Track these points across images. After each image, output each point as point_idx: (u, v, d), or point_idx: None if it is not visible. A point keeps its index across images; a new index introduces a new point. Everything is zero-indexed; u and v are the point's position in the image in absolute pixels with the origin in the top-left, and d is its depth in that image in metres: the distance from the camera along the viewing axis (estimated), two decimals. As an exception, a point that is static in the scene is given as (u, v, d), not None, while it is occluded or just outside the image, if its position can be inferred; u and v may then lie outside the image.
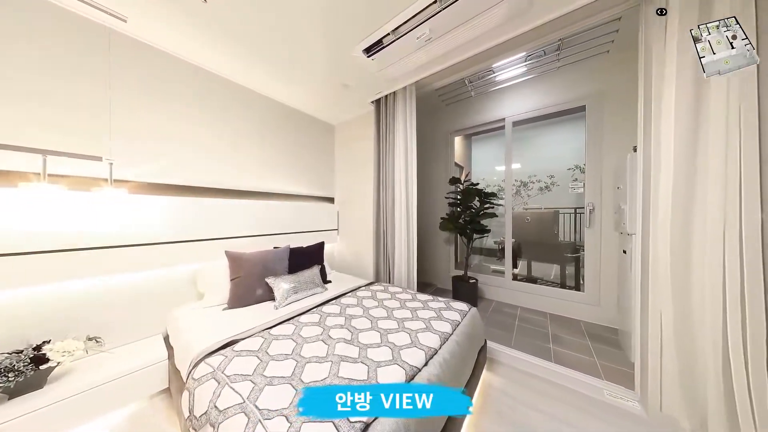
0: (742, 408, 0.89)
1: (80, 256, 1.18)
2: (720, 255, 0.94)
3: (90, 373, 1.07)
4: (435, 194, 3.19)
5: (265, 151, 2.13)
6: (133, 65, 1.42)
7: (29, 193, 1.05)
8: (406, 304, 1.46)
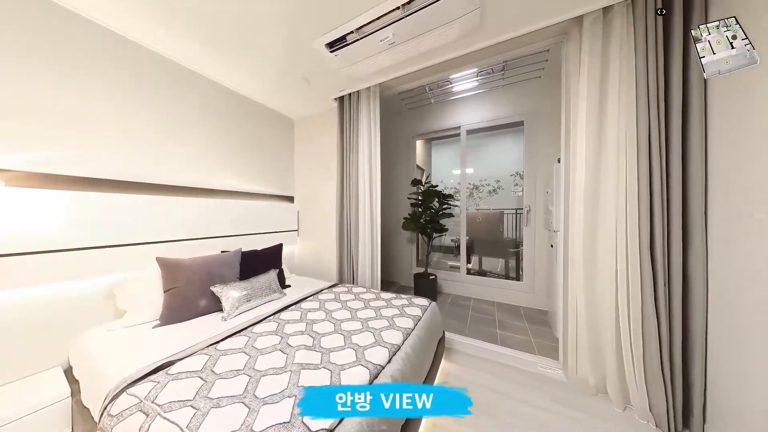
0: (627, 366, 1.17)
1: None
2: (613, 250, 1.21)
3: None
4: (398, 195, 3.29)
5: (211, 143, 1.88)
6: (11, 19, 1.08)
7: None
8: (370, 304, 1.47)
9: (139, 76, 1.49)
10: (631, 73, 1.17)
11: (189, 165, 1.74)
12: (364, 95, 2.04)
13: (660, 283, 1.12)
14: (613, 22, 1.22)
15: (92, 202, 1.24)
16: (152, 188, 1.53)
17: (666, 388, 1.09)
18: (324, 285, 1.91)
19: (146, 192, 1.49)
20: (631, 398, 1.17)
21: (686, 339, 1.10)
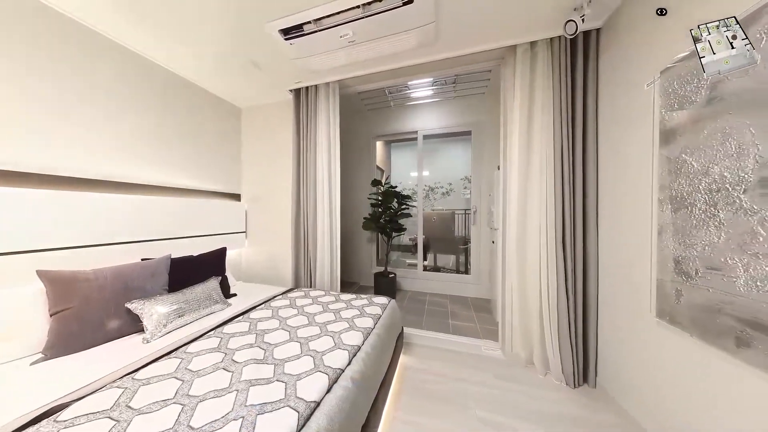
0: (547, 339, 1.42)
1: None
2: (537, 244, 1.45)
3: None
4: (358, 194, 3.27)
5: (131, 128, 1.53)
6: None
7: None
8: (329, 307, 1.42)
9: (33, 34, 1.12)
10: (549, 98, 1.43)
11: (104, 153, 1.38)
12: (323, 90, 1.96)
13: (569, 268, 1.39)
14: (538, 54, 1.47)
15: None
16: (36, 180, 1.16)
17: (572, 352, 1.37)
18: (277, 291, 1.77)
19: (26, 184, 1.12)
20: (550, 365, 1.42)
21: (585, 310, 1.40)
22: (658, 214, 0.98)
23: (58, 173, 1.23)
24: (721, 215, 0.76)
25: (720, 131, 0.76)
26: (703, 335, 0.81)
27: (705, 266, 0.80)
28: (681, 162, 0.89)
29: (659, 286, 0.97)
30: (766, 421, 0.68)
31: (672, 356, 0.95)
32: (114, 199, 1.39)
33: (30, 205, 1.09)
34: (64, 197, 1.20)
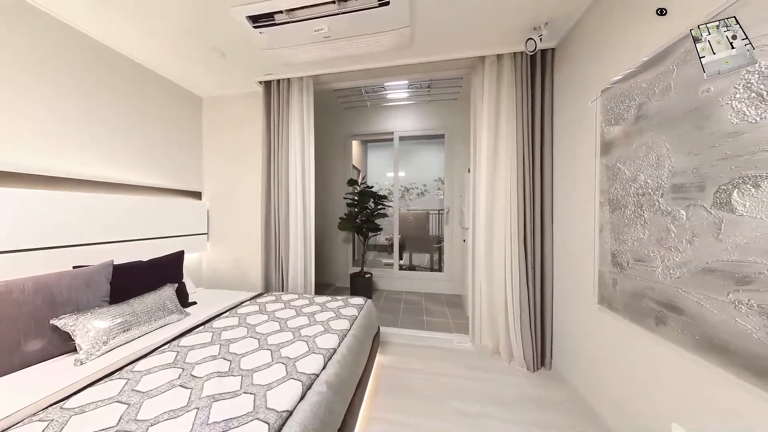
0: (511, 329, 1.54)
1: None
2: (503, 242, 1.57)
3: None
4: (333, 194, 3.20)
5: (61, 111, 1.29)
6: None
7: None
8: (302, 311, 1.37)
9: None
10: (513, 108, 1.55)
11: (12, 138, 1.14)
12: (296, 85, 1.88)
13: (529, 264, 1.53)
14: (504, 67, 1.59)
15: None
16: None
17: (532, 340, 1.51)
18: (245, 296, 1.65)
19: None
20: (513, 353, 1.55)
21: (542, 301, 1.56)
22: (599, 214, 1.13)
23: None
24: (645, 215, 0.90)
25: (644, 145, 0.90)
26: (632, 317, 0.96)
27: (634, 258, 0.95)
28: (616, 170, 1.03)
29: (600, 277, 1.12)
30: (678, 383, 0.82)
31: (609, 337, 1.10)
32: (38, 196, 1.16)
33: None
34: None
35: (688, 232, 0.76)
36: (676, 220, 0.79)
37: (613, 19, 1.10)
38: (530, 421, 1.13)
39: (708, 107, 0.71)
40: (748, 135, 0.62)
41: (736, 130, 0.65)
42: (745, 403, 0.65)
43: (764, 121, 0.59)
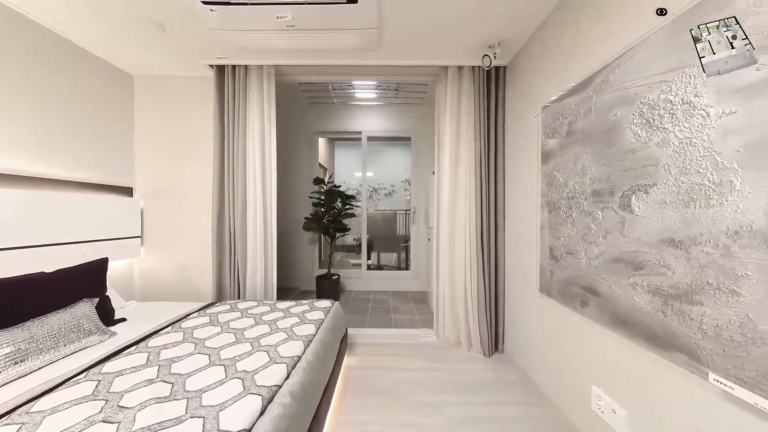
0: (470, 320, 1.68)
1: None
2: (463, 240, 1.70)
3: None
4: (297, 193, 3.04)
5: None
6: None
7: None
8: (262, 319, 1.27)
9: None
10: (471, 117, 1.69)
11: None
12: (255, 73, 1.73)
13: (485, 259, 1.69)
14: (464, 78, 1.72)
15: None
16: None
17: (488, 328, 1.67)
18: (192, 308, 1.46)
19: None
20: (472, 341, 1.69)
21: (496, 293, 1.73)
22: (540, 215, 1.31)
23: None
24: (574, 215, 1.07)
25: (573, 156, 1.08)
26: (564, 301, 1.13)
27: (566, 252, 1.12)
28: (553, 176, 1.21)
29: (541, 269, 1.29)
30: (595, 353, 1.00)
31: (547, 320, 1.29)
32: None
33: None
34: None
35: (603, 229, 0.93)
36: (595, 219, 0.96)
37: (552, 46, 1.28)
38: (485, 402, 1.25)
39: (615, 128, 0.88)
40: (641, 152, 0.79)
41: (633, 148, 0.81)
42: (642, 363, 0.82)
43: (651, 142, 0.76)
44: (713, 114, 0.62)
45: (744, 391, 0.57)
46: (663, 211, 0.73)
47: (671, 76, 0.71)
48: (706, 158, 0.64)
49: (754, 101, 0.56)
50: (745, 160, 0.57)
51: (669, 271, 0.71)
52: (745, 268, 0.57)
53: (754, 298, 0.55)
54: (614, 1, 0.93)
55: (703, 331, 0.64)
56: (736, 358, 0.58)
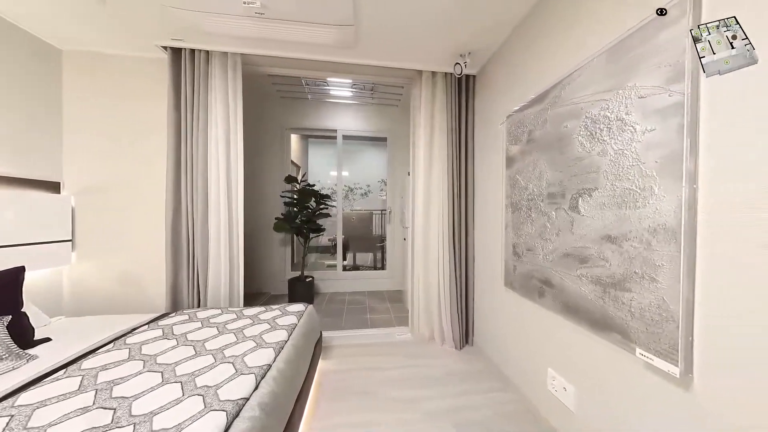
0: (443, 316, 1.75)
1: None
2: (437, 239, 1.77)
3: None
4: (267, 192, 2.87)
5: None
6: None
7: None
8: (227, 328, 1.17)
9: None
10: (444, 121, 1.77)
11: None
12: (219, 59, 1.59)
13: (457, 257, 1.78)
14: (438, 83, 1.79)
15: None
16: None
17: (459, 322, 1.76)
18: (140, 320, 1.29)
19: None
20: (444, 336, 1.77)
21: (466, 288, 1.83)
22: (505, 215, 1.42)
23: None
24: (533, 215, 1.19)
25: (532, 162, 1.19)
26: (525, 293, 1.25)
27: (526, 248, 1.23)
28: (515, 180, 1.32)
29: (505, 265, 1.41)
30: (550, 338, 1.12)
31: (511, 311, 1.40)
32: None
33: None
34: None
35: (556, 227, 1.04)
36: (550, 219, 1.08)
37: (515, 61, 1.40)
38: (456, 393, 1.31)
39: (566, 138, 0.99)
40: (586, 160, 0.91)
41: (580, 156, 0.93)
42: (587, 344, 0.94)
43: (594, 152, 0.88)
44: (639, 130, 0.74)
45: (660, 361, 0.68)
46: (603, 211, 0.85)
47: (608, 95, 0.83)
48: (634, 167, 0.75)
49: (667, 121, 0.67)
50: (662, 169, 0.69)
51: (607, 263, 0.83)
52: (661, 259, 0.68)
53: (667, 283, 0.67)
54: (564, 26, 1.05)
55: (632, 313, 0.75)
56: (655, 334, 0.70)
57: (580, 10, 0.97)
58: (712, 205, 0.61)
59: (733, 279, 0.58)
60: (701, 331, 0.63)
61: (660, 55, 0.69)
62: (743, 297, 0.56)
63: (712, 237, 0.61)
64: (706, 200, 0.62)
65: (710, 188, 0.61)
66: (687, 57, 0.63)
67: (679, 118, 0.65)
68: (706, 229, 0.62)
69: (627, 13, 0.79)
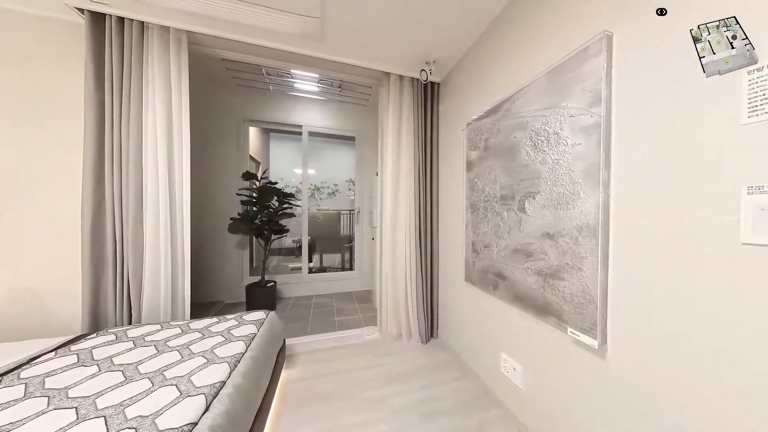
0: (410, 313, 1.81)
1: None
2: (404, 238, 1.82)
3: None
4: (222, 190, 2.58)
5: None
6: None
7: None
8: (168, 345, 1.02)
9: None
10: (411, 124, 1.83)
11: None
12: (158, 34, 1.37)
13: (423, 255, 1.86)
14: (405, 87, 1.84)
15: None
16: None
17: (425, 317, 1.84)
18: (43, 347, 1.04)
19: None
20: (412, 332, 1.83)
21: (432, 284, 1.93)
22: (465, 215, 1.53)
23: None
24: (488, 215, 1.31)
25: (488, 167, 1.31)
26: (482, 286, 1.37)
27: (483, 245, 1.35)
28: (474, 183, 1.44)
29: (466, 261, 1.52)
30: (503, 325, 1.25)
31: (470, 304, 1.52)
32: None
33: None
34: None
35: (508, 226, 1.16)
36: (503, 218, 1.20)
37: (475, 70, 1.52)
38: (422, 385, 1.37)
39: (515, 147, 1.12)
40: (531, 167, 1.03)
41: (526, 164, 1.06)
42: (531, 328, 1.07)
43: (536, 160, 1.01)
44: (570, 143, 0.88)
45: (585, 336, 0.82)
46: (543, 212, 0.98)
47: (548, 112, 0.96)
48: (566, 175, 0.89)
49: (590, 137, 0.81)
50: (586, 177, 0.82)
51: (546, 256, 0.96)
52: (585, 252, 0.82)
53: (589, 272, 0.81)
54: (516, 46, 1.18)
55: (565, 298, 0.89)
56: (581, 314, 0.83)
57: (529, 32, 1.10)
58: (618, 206, 0.76)
59: (631, 265, 0.72)
60: (612, 309, 0.77)
61: (584, 82, 0.83)
62: (639, 280, 0.71)
63: (618, 232, 0.76)
64: (614, 203, 0.77)
65: (617, 193, 0.76)
66: (602, 85, 0.77)
67: (597, 136, 0.79)
68: (615, 226, 0.77)
69: (564, 43, 0.93)
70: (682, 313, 0.62)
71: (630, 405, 0.73)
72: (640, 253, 0.71)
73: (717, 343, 0.57)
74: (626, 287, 0.74)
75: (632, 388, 0.72)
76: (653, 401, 0.68)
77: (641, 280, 0.70)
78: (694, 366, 0.60)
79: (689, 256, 0.61)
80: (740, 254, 0.53)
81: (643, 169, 0.70)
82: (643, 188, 0.70)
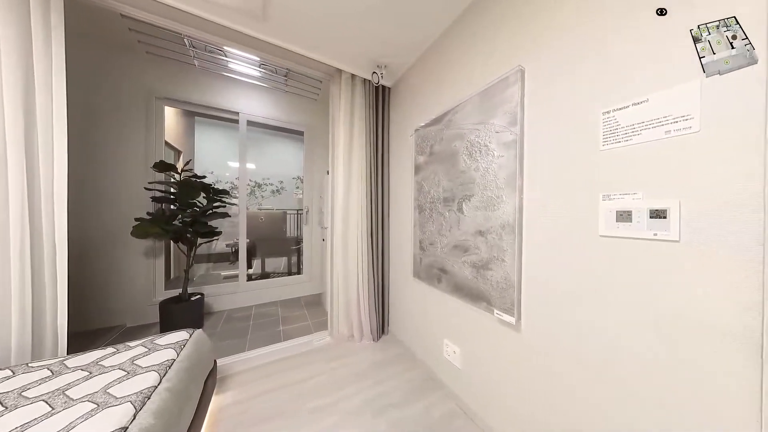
0: (362, 313, 1.81)
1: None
2: (356, 238, 1.82)
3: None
4: (122, 183, 2.03)
5: None
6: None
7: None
8: (25, 396, 0.74)
9: None
10: (363, 125, 1.84)
11: None
12: (4, -39, 0.97)
13: (374, 254, 1.89)
14: (357, 86, 1.83)
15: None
16: None
17: (377, 315, 1.87)
18: None
19: None
20: (363, 331, 1.84)
21: (383, 282, 1.98)
22: (413, 215, 1.63)
23: None
24: (433, 215, 1.43)
25: (433, 171, 1.44)
26: (427, 280, 1.49)
27: (429, 243, 1.47)
28: (421, 185, 1.55)
29: (414, 258, 1.62)
30: (446, 314, 1.39)
31: (418, 298, 1.63)
32: None
33: None
34: None
35: (449, 225, 1.30)
36: (445, 218, 1.33)
37: (422, 80, 1.63)
38: (373, 383, 1.40)
39: (455, 155, 1.26)
40: (467, 173, 1.18)
41: (464, 170, 1.20)
42: (467, 314, 1.22)
43: (471, 168, 1.16)
44: (496, 155, 1.04)
45: (506, 315, 0.99)
46: (476, 212, 1.13)
47: (480, 127, 1.12)
48: (493, 181, 1.05)
49: (510, 151, 0.98)
50: (507, 184, 0.99)
51: (479, 251, 1.11)
52: (507, 246, 0.99)
53: (510, 262, 0.98)
54: (458, 64, 1.33)
55: (492, 285, 1.05)
56: (502, 298, 1.00)
57: (470, 50, 1.24)
58: (528, 208, 0.94)
59: (536, 255, 0.91)
60: (524, 291, 0.96)
61: (506, 105, 1.00)
62: (540, 266, 0.90)
63: (528, 229, 0.94)
64: (526, 205, 0.95)
65: (528, 197, 0.95)
66: (518, 109, 0.95)
67: (515, 150, 0.96)
68: (526, 225, 0.95)
69: (495, 68, 1.10)
70: (566, 291, 0.83)
71: (534, 365, 0.92)
72: (541, 246, 0.90)
73: (587, 309, 0.78)
74: (532, 273, 0.93)
75: (536, 351, 0.92)
76: (550, 359, 0.87)
77: (542, 266, 0.90)
78: (574, 329, 0.81)
79: (568, 246, 0.82)
80: (599, 244, 0.74)
81: (544, 178, 0.89)
82: (543, 194, 0.89)
